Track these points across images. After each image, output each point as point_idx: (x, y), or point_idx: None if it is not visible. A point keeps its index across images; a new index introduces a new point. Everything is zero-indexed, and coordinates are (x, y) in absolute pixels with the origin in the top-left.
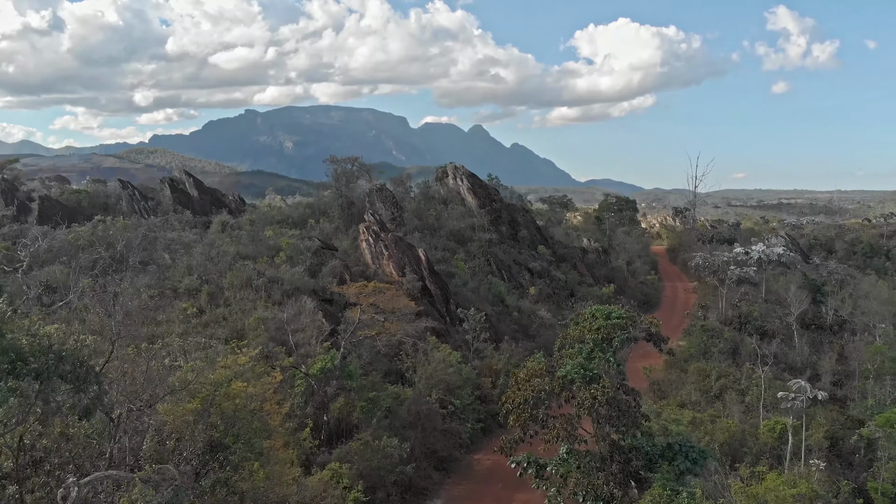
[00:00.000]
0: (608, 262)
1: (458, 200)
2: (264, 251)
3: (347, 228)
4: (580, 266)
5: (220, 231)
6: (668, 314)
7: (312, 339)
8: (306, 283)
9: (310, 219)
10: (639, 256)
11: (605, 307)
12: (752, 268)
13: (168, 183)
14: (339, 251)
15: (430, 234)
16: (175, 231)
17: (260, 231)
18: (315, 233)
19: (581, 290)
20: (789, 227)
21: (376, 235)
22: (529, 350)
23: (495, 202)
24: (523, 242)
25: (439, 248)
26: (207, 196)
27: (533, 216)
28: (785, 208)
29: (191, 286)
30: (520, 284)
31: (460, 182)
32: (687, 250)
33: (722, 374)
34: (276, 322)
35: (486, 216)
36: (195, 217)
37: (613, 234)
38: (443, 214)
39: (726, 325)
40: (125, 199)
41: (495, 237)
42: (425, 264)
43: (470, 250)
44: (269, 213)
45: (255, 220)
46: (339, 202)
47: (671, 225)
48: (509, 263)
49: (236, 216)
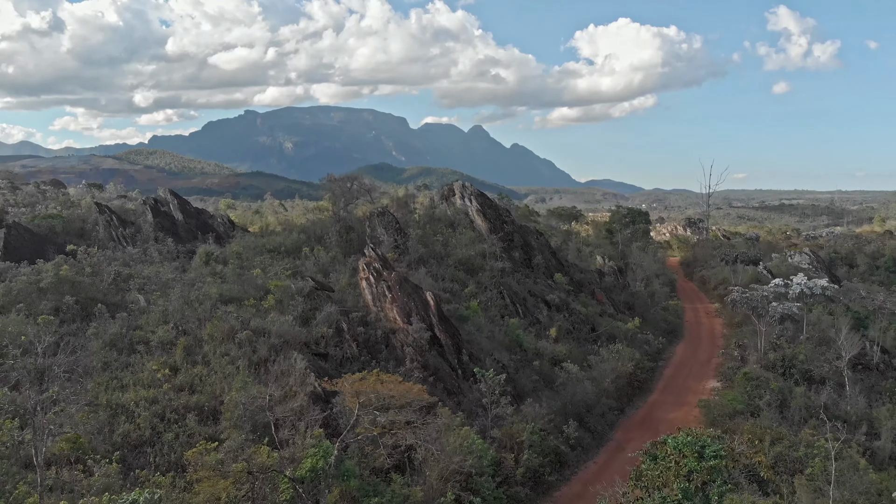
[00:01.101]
0: (626, 284)
1: (467, 223)
2: (251, 292)
3: (346, 257)
4: (599, 293)
5: (203, 264)
6: (695, 346)
7: (302, 426)
8: (297, 335)
9: (304, 246)
10: (657, 276)
11: (694, 438)
12: (795, 303)
13: (150, 206)
14: (337, 290)
15: (436, 262)
16: (153, 265)
17: (247, 267)
18: (310, 262)
19: (603, 323)
20: (805, 238)
21: (378, 274)
22: (555, 411)
23: (506, 224)
24: (538, 270)
25: (447, 278)
26: (193, 220)
27: (547, 238)
28: (787, 209)
29: (165, 338)
30: (537, 320)
31: (468, 202)
32: (703, 266)
33: (776, 438)
34: (258, 403)
35: (497, 242)
36: (178, 245)
37: (627, 250)
38: (450, 240)
39: (768, 369)
40: (102, 226)
41: (508, 266)
42: (434, 310)
43: (481, 281)
44: (258, 242)
45: (241, 252)
46: (337, 227)
47: (683, 235)
48: (524, 296)
49: (224, 242)
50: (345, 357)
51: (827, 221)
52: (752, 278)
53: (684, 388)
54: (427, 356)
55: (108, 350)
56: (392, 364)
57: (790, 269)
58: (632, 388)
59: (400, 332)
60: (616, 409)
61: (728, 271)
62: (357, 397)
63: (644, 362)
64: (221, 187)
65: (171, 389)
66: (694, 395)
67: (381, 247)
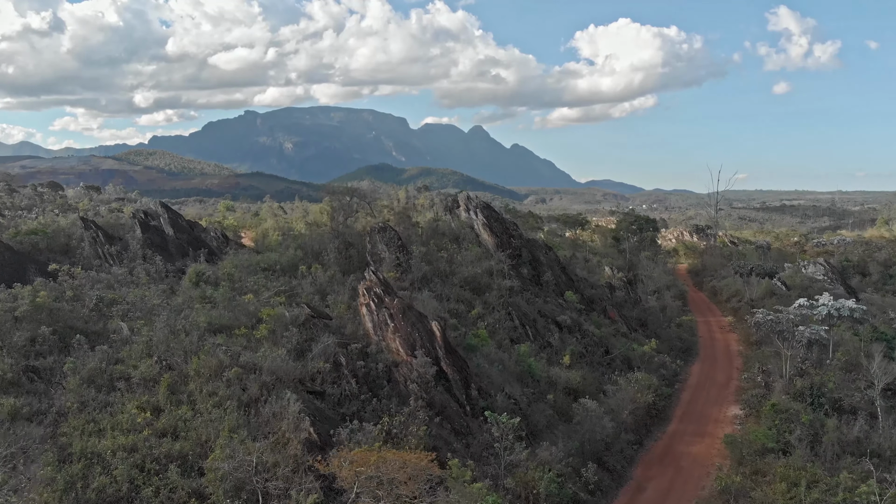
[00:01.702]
0: (637, 298)
1: (472, 237)
2: (243, 319)
3: (345, 276)
4: (611, 310)
5: (193, 285)
6: (711, 365)
7: (294, 493)
8: (290, 371)
9: (301, 264)
10: (668, 288)
11: None
12: (823, 327)
13: (139, 220)
14: (335, 316)
15: (441, 281)
16: (140, 287)
17: (240, 289)
18: (307, 282)
19: (617, 345)
20: (815, 245)
21: (379, 300)
22: (573, 452)
23: (514, 238)
24: (548, 288)
25: (452, 298)
26: (184, 235)
27: (556, 253)
28: (788, 210)
29: (148, 374)
30: (548, 343)
31: (474, 216)
32: (713, 275)
33: (812, 482)
34: (245, 467)
35: (505, 259)
36: (167, 263)
37: (635, 259)
38: (455, 257)
39: (795, 398)
40: (87, 242)
41: (517, 284)
42: (440, 341)
43: (488, 301)
44: (252, 259)
45: (233, 274)
46: (336, 244)
47: (690, 242)
48: (534, 317)
49: (217, 257)
50: (343, 395)
51: (828, 223)
52: (767, 291)
53: (704, 415)
54: (433, 393)
55: (85, 387)
56: (395, 402)
57: (805, 280)
58: (650, 416)
59: (403, 365)
60: (635, 443)
61: (741, 283)
62: (357, 474)
63: (662, 388)
64: (221, 188)
65: (152, 435)
66: (715, 424)
67: (383, 264)
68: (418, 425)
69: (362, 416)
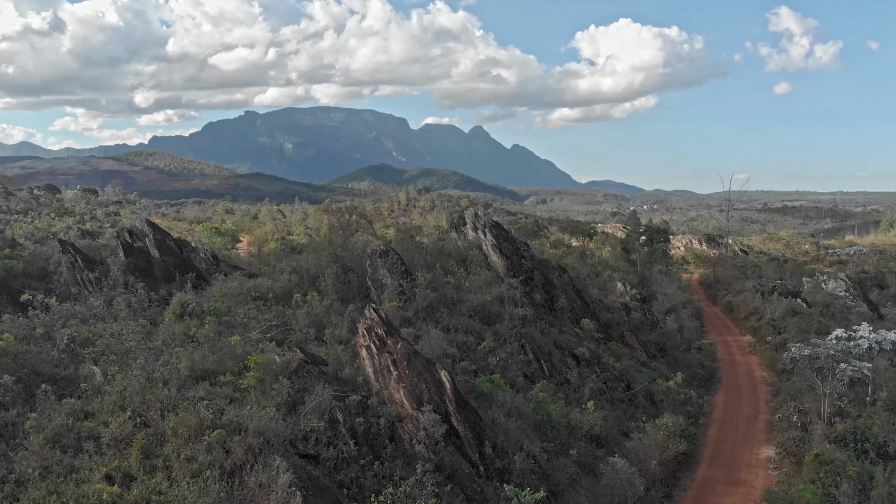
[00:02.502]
0: (654, 320)
1: (480, 258)
2: (228, 363)
3: (344, 304)
4: (629, 336)
5: (176, 319)
6: (736, 395)
7: None
8: (280, 432)
9: (296, 291)
10: (684, 305)
11: None
12: (865, 364)
13: (122, 242)
14: (331, 358)
15: (448, 310)
16: (118, 322)
17: (228, 323)
18: (302, 312)
19: (639, 378)
20: (830, 254)
21: (381, 342)
22: None
23: (525, 260)
24: (563, 315)
25: (461, 329)
26: (171, 258)
27: (570, 275)
28: (790, 212)
29: (120, 433)
30: (565, 380)
31: (482, 235)
32: (728, 288)
33: None
34: None
35: (518, 285)
36: (150, 291)
37: (647, 272)
38: (463, 283)
39: (836, 443)
40: (65, 267)
41: (530, 312)
42: (451, 394)
43: (499, 332)
44: (242, 287)
45: (221, 306)
46: (334, 269)
47: (699, 250)
48: (549, 349)
49: (206, 282)
50: (340, 458)
51: (831, 224)
52: (788, 310)
53: (735, 458)
54: (442, 454)
55: (49, 449)
56: (399, 464)
57: (826, 297)
58: (677, 462)
59: (408, 420)
60: (664, 496)
61: (759, 300)
62: None
63: (689, 428)
64: (221, 189)
65: None
66: (748, 470)
67: (385, 292)
68: (426, 498)
69: (362, 482)
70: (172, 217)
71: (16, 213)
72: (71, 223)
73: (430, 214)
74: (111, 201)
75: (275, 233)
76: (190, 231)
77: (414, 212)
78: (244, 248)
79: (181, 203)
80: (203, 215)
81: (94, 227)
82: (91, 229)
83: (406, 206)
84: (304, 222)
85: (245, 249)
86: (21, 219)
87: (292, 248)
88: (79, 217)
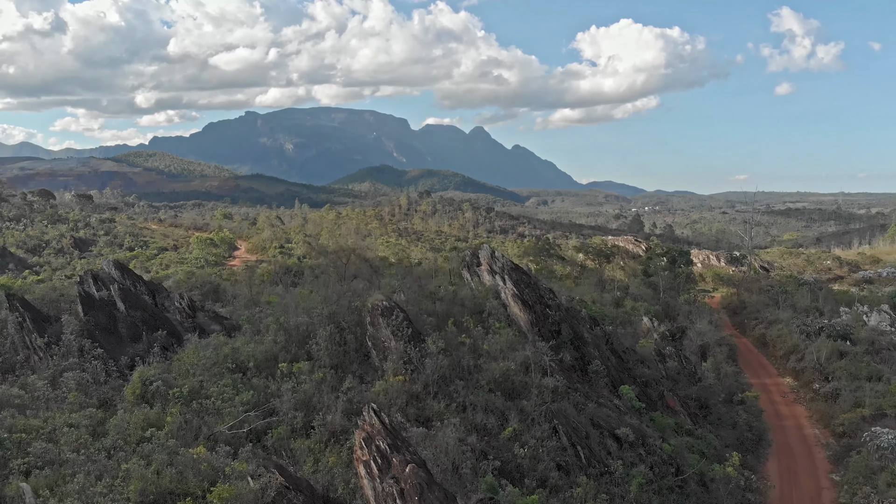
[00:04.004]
0: (690, 368)
1: (499, 310)
2: (192, 483)
3: (340, 373)
4: (669, 397)
5: (136, 401)
6: (790, 462)
7: None
8: None
9: (283, 355)
10: (718, 345)
11: None
12: None
13: (81, 295)
14: (322, 471)
15: (463, 382)
16: (64, 411)
17: (198, 410)
18: (288, 388)
19: (689, 459)
20: (862, 277)
21: (384, 459)
22: None
23: (550, 310)
24: (597, 380)
25: (479, 408)
26: (139, 311)
27: (602, 325)
28: (793, 214)
29: None
30: (606, 469)
31: (500, 281)
32: (757, 317)
33: None
34: None
35: (544, 346)
36: (109, 360)
37: (672, 301)
38: (480, 344)
39: None
40: (12, 327)
41: (562, 383)
42: None
43: (526, 410)
44: (219, 354)
45: (190, 386)
46: (328, 331)
47: (718, 267)
48: (586, 430)
49: (179, 341)
50: None
51: (835, 227)
52: (833, 350)
53: None
54: None
55: None
56: None
57: (870, 333)
58: None
59: None
60: None
61: (797, 334)
62: None
63: None
64: (221, 191)
65: None
66: None
67: (388, 358)
68: None
69: None
70: (169, 223)
71: (8, 220)
72: (64, 230)
73: (432, 219)
74: (107, 206)
75: (273, 240)
76: (186, 238)
77: (415, 216)
78: (242, 255)
79: (180, 206)
80: (201, 220)
81: (87, 235)
82: (84, 237)
83: (407, 211)
84: (303, 229)
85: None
86: (13, 226)
87: (287, 270)
88: (72, 224)
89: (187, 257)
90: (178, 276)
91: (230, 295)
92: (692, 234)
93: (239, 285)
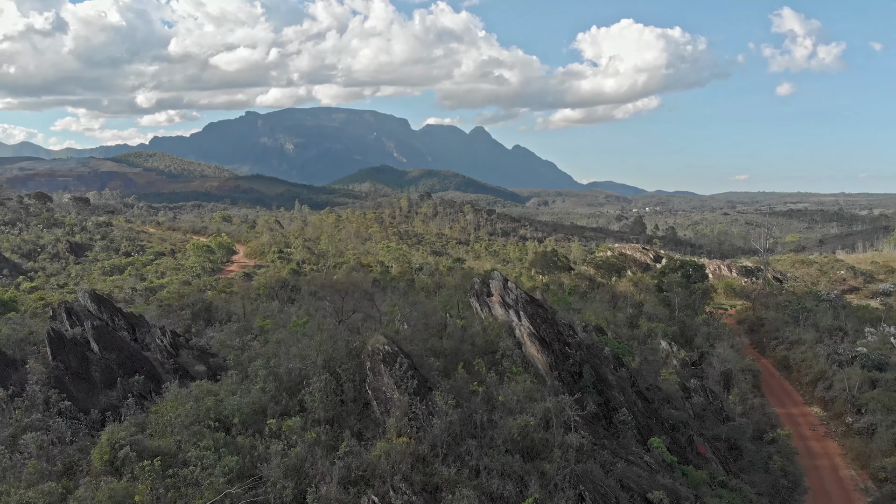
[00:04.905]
0: (718, 404)
1: (513, 349)
2: None
3: (335, 431)
4: (699, 443)
5: (104, 467)
6: None
7: None
8: None
9: (272, 409)
10: (741, 371)
11: None
12: None
13: (50, 337)
14: None
15: (476, 441)
16: (17, 485)
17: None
18: (276, 452)
19: None
20: (880, 294)
21: None
22: None
23: (570, 349)
24: (625, 431)
25: (495, 472)
26: (114, 353)
27: (628, 366)
28: (795, 215)
29: None
30: None
31: (515, 317)
32: (777, 336)
33: None
34: None
35: (569, 401)
36: (79, 413)
37: (688, 321)
38: (495, 394)
39: None
40: None
41: (587, 440)
42: None
43: (547, 474)
44: (200, 409)
45: (167, 447)
46: (323, 380)
47: (730, 278)
48: (615, 495)
49: (159, 386)
50: None
51: (837, 229)
52: (864, 379)
53: None
54: None
55: None
56: None
57: None
58: None
59: None
60: None
61: (823, 359)
62: None
63: None
64: (221, 191)
65: None
66: None
67: (391, 413)
68: None
69: None
70: (167, 226)
71: (3, 224)
72: (60, 235)
73: (433, 221)
74: (105, 209)
75: (272, 245)
76: (184, 242)
77: (416, 219)
78: (240, 260)
79: (179, 207)
80: (199, 223)
81: (83, 239)
82: (80, 241)
83: (408, 213)
84: (302, 232)
85: (241, 260)
86: (8, 230)
87: (284, 284)
88: (68, 228)
89: (184, 264)
90: (172, 285)
91: (223, 313)
92: (694, 236)
93: (233, 300)
